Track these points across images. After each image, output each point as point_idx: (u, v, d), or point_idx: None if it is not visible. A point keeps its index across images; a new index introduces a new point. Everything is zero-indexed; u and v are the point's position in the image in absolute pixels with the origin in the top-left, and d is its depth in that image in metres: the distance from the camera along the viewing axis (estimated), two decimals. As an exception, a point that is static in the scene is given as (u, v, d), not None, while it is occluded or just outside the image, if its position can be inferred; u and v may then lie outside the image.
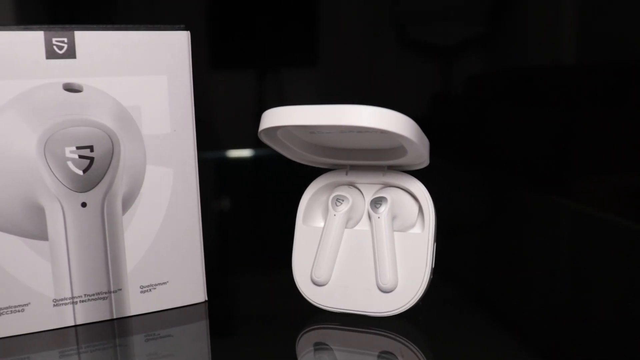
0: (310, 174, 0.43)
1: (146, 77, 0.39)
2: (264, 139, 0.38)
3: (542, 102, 0.81)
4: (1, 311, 0.38)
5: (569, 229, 0.67)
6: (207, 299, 0.43)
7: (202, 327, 0.42)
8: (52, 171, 0.38)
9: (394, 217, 0.40)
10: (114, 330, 0.40)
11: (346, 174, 0.41)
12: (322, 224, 0.42)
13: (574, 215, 0.70)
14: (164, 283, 0.42)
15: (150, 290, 0.41)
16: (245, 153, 0.97)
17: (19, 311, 0.39)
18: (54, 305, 0.39)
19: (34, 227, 0.38)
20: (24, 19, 0.85)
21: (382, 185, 0.41)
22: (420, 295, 0.39)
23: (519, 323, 0.41)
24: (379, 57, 1.00)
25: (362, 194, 0.41)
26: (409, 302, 0.38)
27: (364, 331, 0.39)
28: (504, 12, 0.95)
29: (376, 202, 0.39)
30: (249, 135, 0.98)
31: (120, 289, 0.40)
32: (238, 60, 0.93)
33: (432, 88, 1.02)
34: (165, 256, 0.41)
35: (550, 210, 0.71)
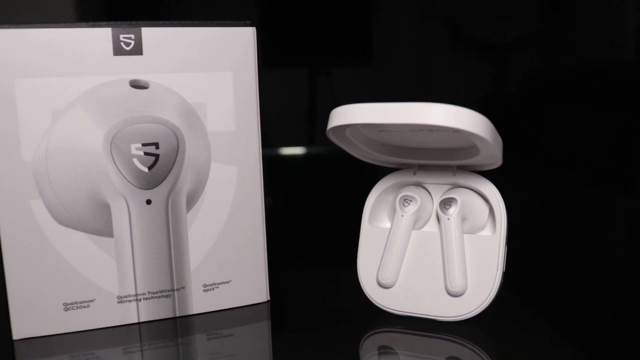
0: (366, 171, 0.42)
1: (212, 74, 0.39)
2: (332, 137, 0.37)
3: (600, 100, 0.78)
4: (67, 306, 0.38)
5: (629, 230, 0.65)
6: (269, 298, 0.43)
7: (264, 327, 0.41)
8: (118, 168, 0.38)
9: (463, 219, 0.38)
10: (177, 328, 0.40)
11: (414, 174, 0.40)
12: (388, 225, 0.41)
13: (635, 215, 0.67)
14: (227, 282, 0.41)
15: (213, 289, 0.41)
16: (297, 151, 0.97)
17: (84, 307, 0.39)
18: (118, 302, 0.39)
19: (99, 224, 0.38)
20: (82, 16, 0.86)
21: (451, 186, 0.40)
22: (491, 299, 0.37)
23: (587, 329, 0.39)
24: (432, 55, 0.98)
25: (430, 195, 0.40)
26: (479, 306, 0.37)
27: (431, 336, 0.38)
28: (560, 8, 0.93)
29: (446, 203, 0.38)
30: (301, 133, 0.97)
31: (183, 287, 0.40)
32: (290, 58, 0.93)
33: (485, 86, 1.00)
34: (228, 255, 0.41)
35: (609, 210, 0.68)
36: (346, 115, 0.34)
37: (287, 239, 0.59)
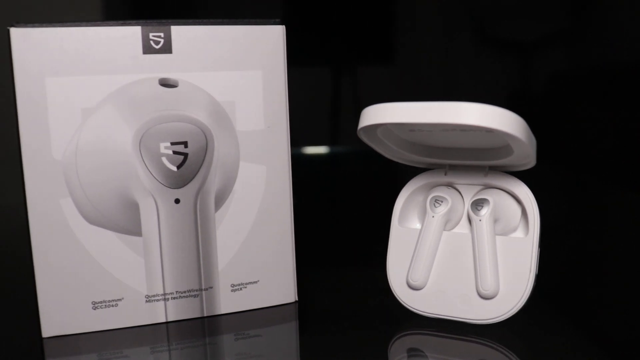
0: (390, 171, 0.42)
1: (241, 72, 0.39)
2: (363, 136, 0.37)
3: (627, 100, 0.77)
4: (96, 305, 0.38)
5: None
6: (297, 299, 0.42)
7: (291, 328, 0.41)
8: (146, 167, 0.38)
9: (495, 220, 0.38)
10: (204, 328, 0.40)
11: (445, 174, 0.40)
12: (418, 226, 0.40)
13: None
14: (255, 282, 0.41)
15: (241, 289, 0.41)
16: (320, 150, 0.96)
17: (112, 306, 0.38)
18: (146, 301, 0.39)
19: (128, 223, 0.38)
20: (107, 15, 0.86)
21: (482, 187, 0.39)
22: (524, 302, 0.37)
23: (620, 334, 0.38)
24: (456, 54, 0.97)
25: (462, 195, 0.39)
26: (511, 309, 0.37)
27: (462, 339, 0.37)
28: (586, 6, 0.92)
29: (477, 204, 0.38)
30: (324, 132, 0.97)
31: (211, 287, 0.40)
32: (313, 57, 0.93)
33: (510, 86, 0.99)
34: (256, 255, 0.41)
35: (636, 211, 0.67)
36: (378, 114, 0.34)
37: (313, 239, 0.58)
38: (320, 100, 0.95)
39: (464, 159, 0.38)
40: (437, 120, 0.32)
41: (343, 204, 0.77)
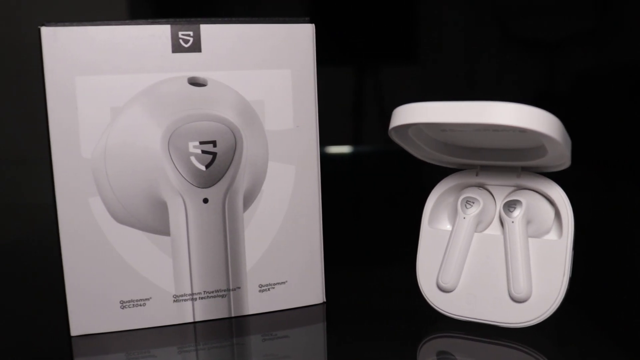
0: (414, 171, 0.41)
1: (270, 71, 0.39)
2: (394, 136, 0.36)
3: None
4: (124, 304, 0.38)
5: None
6: (325, 300, 0.42)
7: (319, 330, 0.41)
8: (175, 166, 0.38)
9: (528, 222, 0.37)
10: (232, 328, 0.40)
11: (476, 175, 0.39)
12: (448, 227, 0.40)
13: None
14: (283, 283, 0.41)
15: (268, 289, 0.40)
16: (344, 149, 0.96)
17: (140, 305, 0.38)
18: (174, 300, 0.39)
19: (156, 222, 0.38)
20: (133, 14, 0.86)
21: (514, 188, 0.38)
22: (557, 306, 0.36)
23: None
24: (480, 53, 0.96)
25: (493, 197, 0.39)
26: (544, 313, 0.36)
27: (493, 342, 0.36)
28: (613, 3, 0.90)
29: (510, 206, 0.37)
30: (347, 131, 0.97)
31: (239, 287, 0.40)
32: (336, 56, 0.92)
33: (535, 85, 0.98)
34: (284, 255, 0.40)
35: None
36: (411, 114, 0.33)
37: (340, 239, 0.58)
38: (343, 100, 0.94)
39: (496, 160, 0.38)
40: (471, 120, 0.32)
41: (368, 204, 0.77)
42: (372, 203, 0.77)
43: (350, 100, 0.94)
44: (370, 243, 0.58)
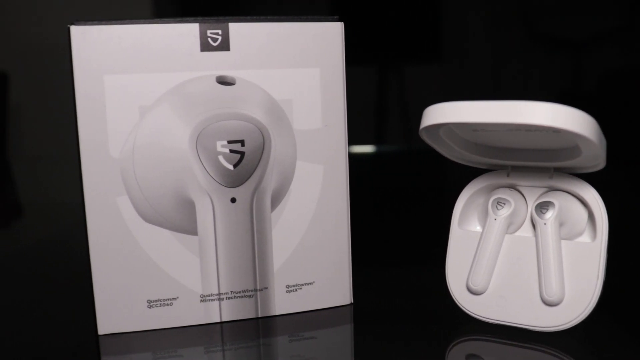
0: (436, 170, 0.41)
1: (298, 70, 0.38)
2: (425, 136, 0.36)
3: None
4: (151, 304, 0.38)
5: None
6: (352, 301, 0.42)
7: (346, 331, 0.40)
8: (203, 165, 0.37)
9: (560, 224, 0.36)
10: (258, 329, 0.39)
11: (507, 176, 0.38)
12: (478, 229, 0.39)
13: None
14: (310, 283, 0.40)
15: (296, 290, 0.40)
16: (367, 149, 0.95)
17: (167, 305, 0.38)
18: (201, 300, 0.39)
19: (184, 222, 0.38)
20: (158, 12, 0.87)
21: (547, 189, 0.38)
22: (590, 310, 0.35)
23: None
24: (504, 51, 0.95)
25: (525, 198, 0.38)
26: (577, 317, 0.35)
27: (524, 346, 0.36)
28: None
29: (542, 207, 0.36)
30: (369, 130, 0.96)
31: (266, 288, 0.40)
32: (359, 54, 0.92)
33: (561, 84, 0.97)
34: (312, 255, 0.40)
35: None
36: (443, 113, 0.33)
37: (365, 239, 0.57)
38: (366, 99, 0.94)
39: (528, 160, 0.37)
40: (505, 120, 0.31)
41: (392, 204, 0.76)
42: (396, 203, 0.76)
43: (373, 99, 0.94)
44: (395, 244, 0.57)
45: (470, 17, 0.94)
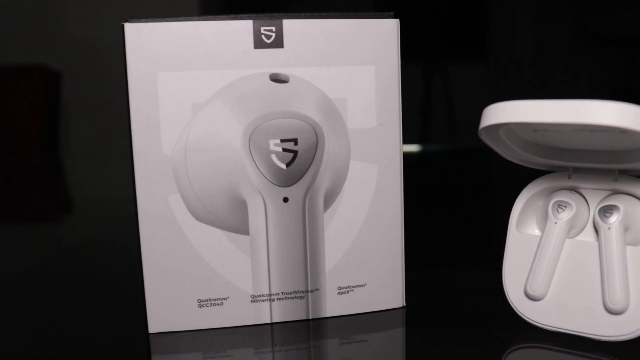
0: (484, 171, 0.39)
1: (353, 68, 0.37)
2: (484, 136, 0.35)
3: None
4: (202, 303, 0.38)
5: None
6: (405, 304, 0.41)
7: (398, 335, 0.40)
8: (255, 164, 0.37)
9: (625, 229, 0.35)
10: (309, 331, 0.39)
11: (569, 177, 0.37)
12: (537, 232, 0.38)
13: None
14: (362, 285, 0.40)
15: (347, 292, 0.39)
16: (412, 148, 0.94)
17: (218, 304, 0.38)
18: (252, 301, 0.38)
19: (235, 221, 0.37)
20: (205, 9, 0.87)
21: (610, 192, 0.36)
22: (657, 319, 0.34)
23: None
24: (553, 49, 0.93)
25: (587, 201, 0.37)
26: (644, 326, 0.34)
27: (585, 355, 0.35)
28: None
29: (606, 211, 0.35)
30: (415, 129, 0.95)
31: (317, 289, 0.39)
32: (404, 53, 0.91)
33: (612, 82, 0.94)
34: (365, 257, 0.39)
35: None
36: (504, 113, 0.32)
37: (417, 240, 0.57)
38: (411, 97, 0.93)
39: (591, 162, 0.36)
40: (570, 120, 0.30)
41: (440, 204, 0.75)
42: (443, 203, 0.75)
43: (418, 98, 0.93)
44: (446, 245, 0.56)
45: (518, 14, 0.92)
